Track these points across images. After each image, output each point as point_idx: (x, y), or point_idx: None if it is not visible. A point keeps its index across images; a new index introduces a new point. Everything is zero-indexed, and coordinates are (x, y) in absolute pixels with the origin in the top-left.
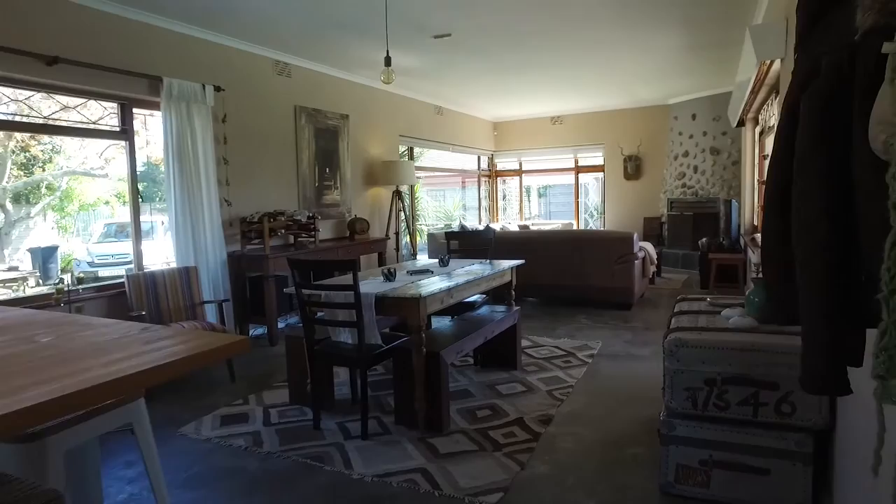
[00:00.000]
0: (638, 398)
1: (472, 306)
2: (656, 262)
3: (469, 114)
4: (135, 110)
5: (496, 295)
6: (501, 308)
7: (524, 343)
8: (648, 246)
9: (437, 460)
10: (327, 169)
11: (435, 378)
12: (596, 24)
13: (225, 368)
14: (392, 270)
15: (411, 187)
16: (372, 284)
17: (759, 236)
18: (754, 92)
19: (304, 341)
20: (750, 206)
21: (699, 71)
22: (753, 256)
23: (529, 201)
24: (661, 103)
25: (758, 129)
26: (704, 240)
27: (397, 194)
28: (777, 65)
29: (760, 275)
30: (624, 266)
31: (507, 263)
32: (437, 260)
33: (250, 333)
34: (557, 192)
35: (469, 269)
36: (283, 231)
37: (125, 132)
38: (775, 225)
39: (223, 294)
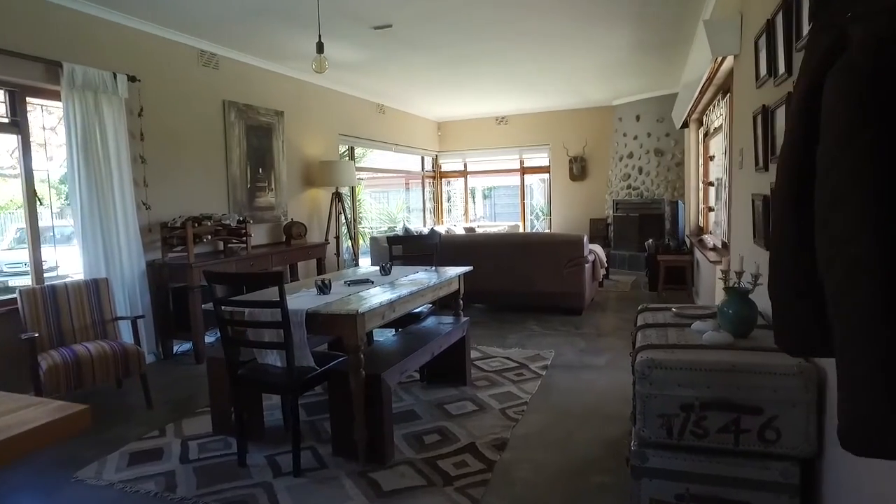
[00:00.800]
0: (598, 415)
1: (418, 317)
2: (606, 264)
3: (413, 113)
4: (32, 100)
5: (442, 303)
6: (449, 319)
7: (473, 354)
8: (598, 248)
9: (379, 500)
10: (260, 169)
11: (376, 403)
12: (546, 16)
13: (140, 391)
14: (327, 282)
15: (352, 189)
16: (303, 299)
17: (707, 237)
18: (703, 91)
19: (226, 365)
20: (695, 207)
21: (645, 71)
22: (701, 257)
23: (474, 203)
24: (606, 104)
25: (702, 131)
26: (650, 241)
27: (337, 196)
28: (728, 63)
29: (733, 283)
30: (574, 270)
31: (454, 271)
32: (378, 268)
33: (175, 350)
34: (502, 194)
35: (413, 278)
36: (210, 237)
37: (16, 124)
38: (788, 230)
39: (141, 308)
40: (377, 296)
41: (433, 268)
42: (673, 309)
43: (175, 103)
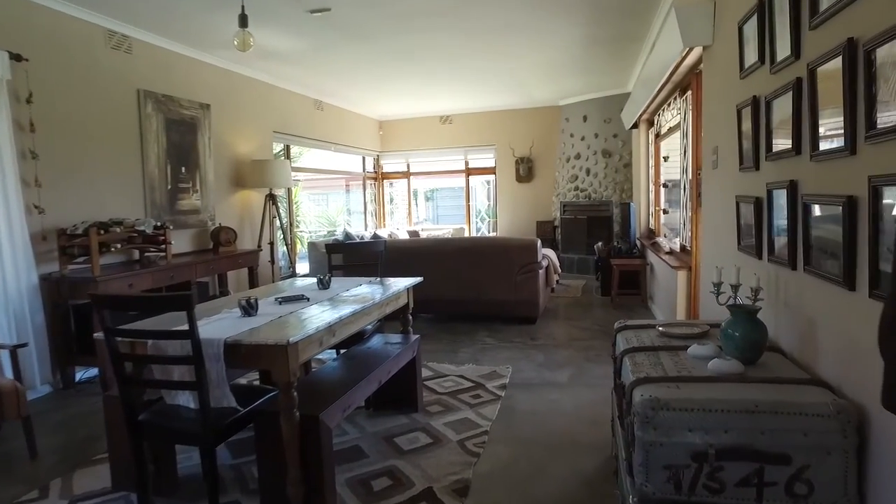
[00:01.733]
0: (569, 443)
1: (362, 335)
2: (560, 270)
3: (353, 110)
4: None
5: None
6: (397, 338)
7: (424, 373)
8: (551, 253)
9: None
10: (183, 168)
11: (314, 450)
12: (493, 6)
13: (21, 435)
14: (253, 301)
15: (289, 190)
16: (223, 324)
17: (661, 241)
18: (661, 88)
19: (123, 411)
20: (645, 209)
21: (594, 70)
22: (657, 261)
23: (417, 205)
24: (553, 104)
25: (653, 132)
26: (600, 244)
27: (271, 198)
28: (691, 58)
29: (728, 298)
30: (527, 277)
31: (402, 283)
32: (315, 280)
33: (77, 378)
34: (445, 196)
35: (356, 293)
36: (120, 245)
37: None
38: None
39: (31, 331)
40: (314, 317)
41: (378, 279)
42: (659, 328)
43: (76, 90)
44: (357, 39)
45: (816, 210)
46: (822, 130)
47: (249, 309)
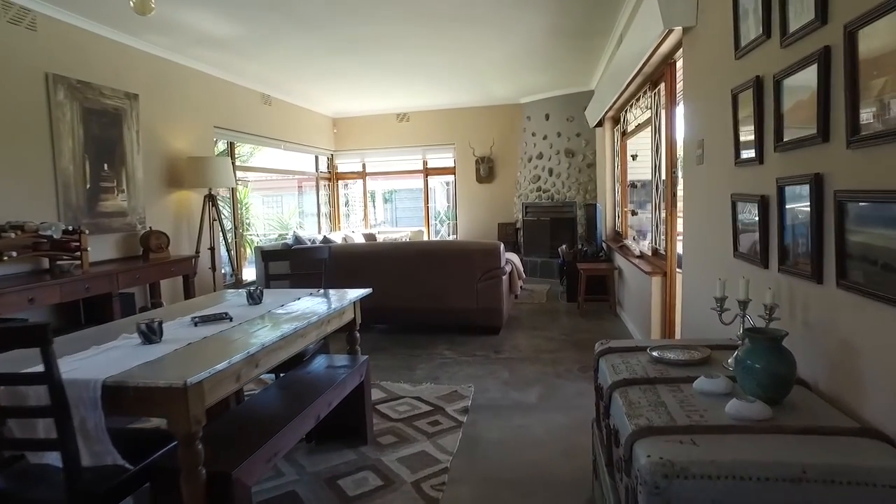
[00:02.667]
0: (543, 482)
1: (302, 356)
2: (524, 276)
3: (305, 107)
4: None
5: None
6: (343, 359)
7: (376, 395)
8: (514, 258)
9: None
10: (106, 165)
11: None
12: None
13: None
14: (156, 325)
15: (233, 191)
16: (110, 356)
17: (630, 244)
18: (632, 81)
19: None
20: (611, 211)
21: (556, 66)
22: (627, 266)
23: (374, 207)
24: (514, 102)
25: (618, 130)
26: (564, 247)
27: (211, 199)
28: (667, 46)
29: (735, 316)
30: (490, 283)
31: (348, 295)
32: (245, 292)
33: None
34: (404, 197)
35: (292, 309)
36: (16, 253)
37: None
38: None
39: None
40: (233, 344)
41: (321, 290)
42: (651, 353)
43: None
44: (303, 26)
45: (857, 210)
46: (868, 109)
47: (151, 335)
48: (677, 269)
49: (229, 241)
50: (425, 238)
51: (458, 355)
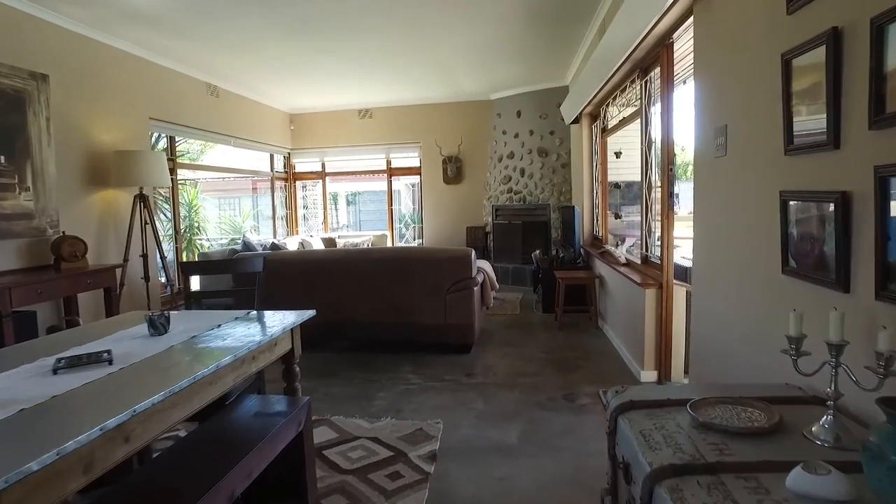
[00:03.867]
0: None
1: (226, 396)
2: (496, 285)
3: (258, 100)
4: None
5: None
6: (279, 402)
7: (324, 435)
8: (486, 266)
9: None
10: (3, 158)
11: None
12: None
13: None
14: None
15: (173, 191)
16: None
17: (613, 249)
18: (618, 70)
19: None
20: (589, 213)
21: (530, 57)
22: (612, 276)
23: (336, 210)
24: (484, 98)
25: (598, 126)
26: (537, 252)
27: (142, 200)
28: (667, 21)
29: (835, 368)
30: (460, 295)
31: (282, 321)
32: (147, 319)
33: None
34: (368, 200)
35: (206, 342)
36: None
37: None
38: None
39: None
40: (84, 414)
41: (252, 313)
42: (696, 416)
43: None
44: (250, 5)
45: None
46: None
47: None
48: (676, 282)
49: (160, 247)
50: (389, 243)
51: (425, 379)
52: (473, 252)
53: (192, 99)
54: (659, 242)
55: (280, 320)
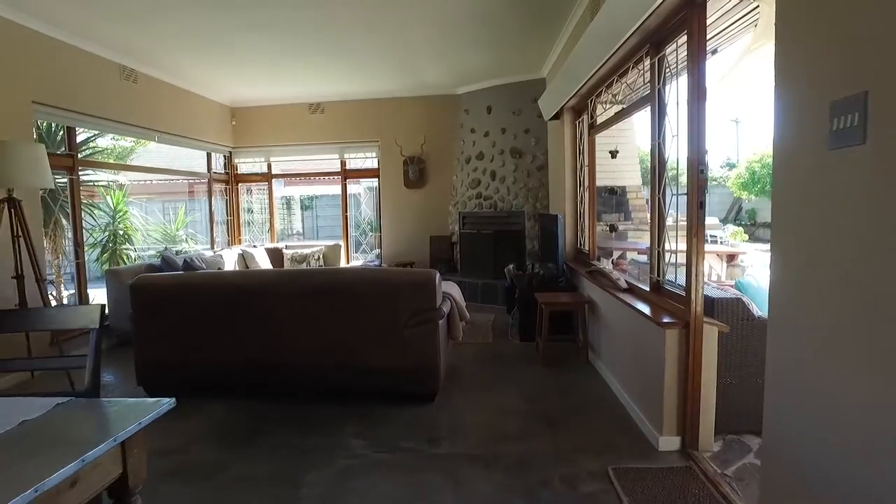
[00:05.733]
0: None
1: None
2: (466, 314)
3: (190, 89)
4: None
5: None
6: None
7: None
8: (454, 290)
9: None
10: None
11: None
12: None
13: None
14: None
15: (72, 194)
16: None
17: (609, 269)
18: (621, 46)
19: None
20: (572, 224)
21: (503, 41)
22: (606, 300)
23: (291, 216)
24: (450, 92)
25: (583, 122)
26: (511, 267)
27: (11, 205)
28: None
29: None
30: (421, 330)
31: (110, 424)
32: None
33: None
34: (326, 204)
35: None
36: None
37: None
38: None
39: None
40: None
41: (71, 402)
42: None
43: None
44: None
45: None
46: None
47: None
48: (707, 320)
49: (39, 265)
50: (343, 255)
51: (374, 448)
52: (438, 275)
53: (99, 83)
54: (684, 266)
55: (109, 419)
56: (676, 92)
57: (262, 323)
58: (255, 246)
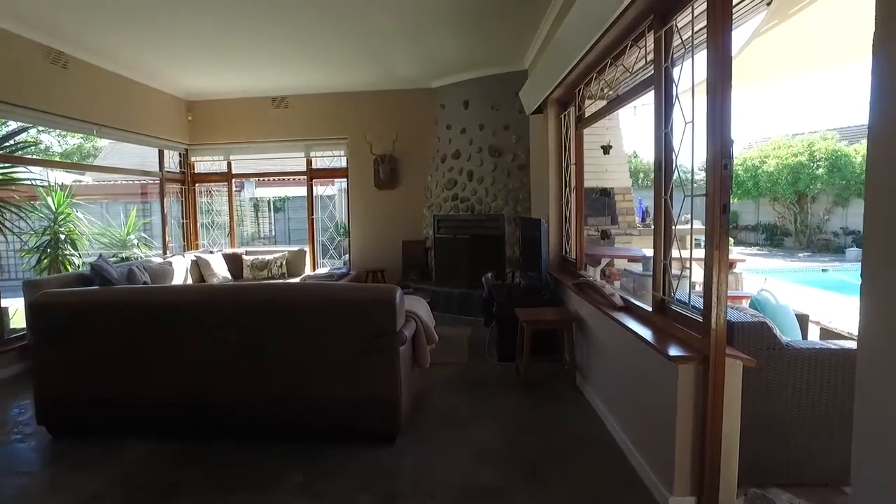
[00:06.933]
0: None
1: None
2: (435, 337)
3: (138, 80)
4: None
5: None
6: None
7: None
8: (422, 307)
9: None
10: None
11: None
12: None
13: None
14: None
15: (17, 192)
16: None
17: (600, 282)
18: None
19: None
20: (557, 229)
21: (481, 28)
22: (598, 319)
23: (259, 218)
24: (424, 85)
25: (569, 115)
26: (490, 275)
27: None
28: None
29: None
30: (379, 359)
31: None
32: None
33: None
34: (299, 206)
35: None
36: None
37: None
38: None
39: None
40: None
41: None
42: None
43: None
44: None
45: None
46: None
47: None
48: (731, 352)
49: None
50: (308, 261)
51: None
52: (399, 292)
53: (18, 66)
54: (678, 275)
55: None
56: (692, 69)
57: (187, 348)
58: (211, 252)
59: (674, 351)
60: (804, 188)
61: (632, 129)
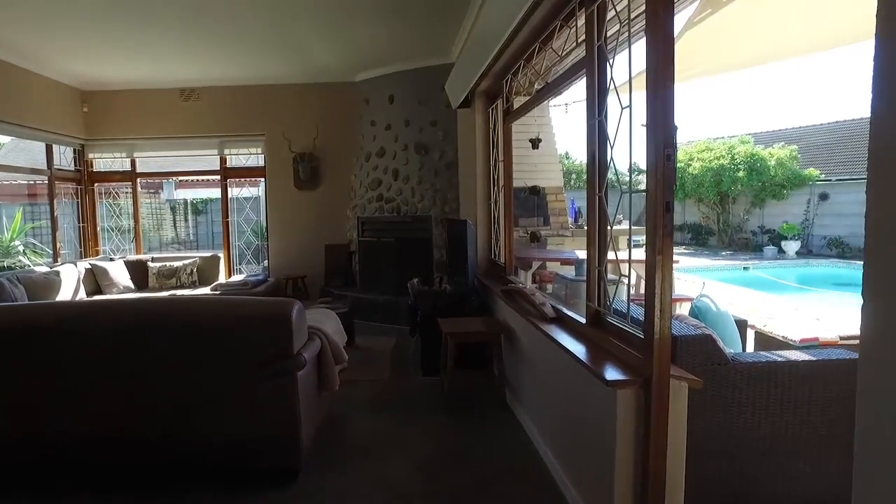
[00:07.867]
0: None
1: None
2: (344, 356)
3: (18, 63)
4: None
5: None
6: None
7: None
8: (329, 321)
9: None
10: None
11: None
12: None
13: None
14: None
15: None
16: None
17: (529, 287)
18: None
19: None
20: (485, 231)
21: (407, 12)
22: (527, 330)
23: (177, 222)
24: (347, 79)
25: (497, 108)
26: (415, 281)
27: None
28: None
29: None
30: (275, 386)
31: None
32: None
33: None
34: (218, 209)
35: None
36: None
37: None
38: None
39: None
40: None
41: None
42: None
43: None
44: None
45: None
46: None
47: None
48: (676, 372)
49: None
50: (222, 268)
51: None
52: (298, 307)
53: None
54: (615, 280)
55: None
56: (629, 52)
57: (53, 376)
58: (111, 259)
59: (611, 374)
60: (726, 189)
61: (563, 128)
